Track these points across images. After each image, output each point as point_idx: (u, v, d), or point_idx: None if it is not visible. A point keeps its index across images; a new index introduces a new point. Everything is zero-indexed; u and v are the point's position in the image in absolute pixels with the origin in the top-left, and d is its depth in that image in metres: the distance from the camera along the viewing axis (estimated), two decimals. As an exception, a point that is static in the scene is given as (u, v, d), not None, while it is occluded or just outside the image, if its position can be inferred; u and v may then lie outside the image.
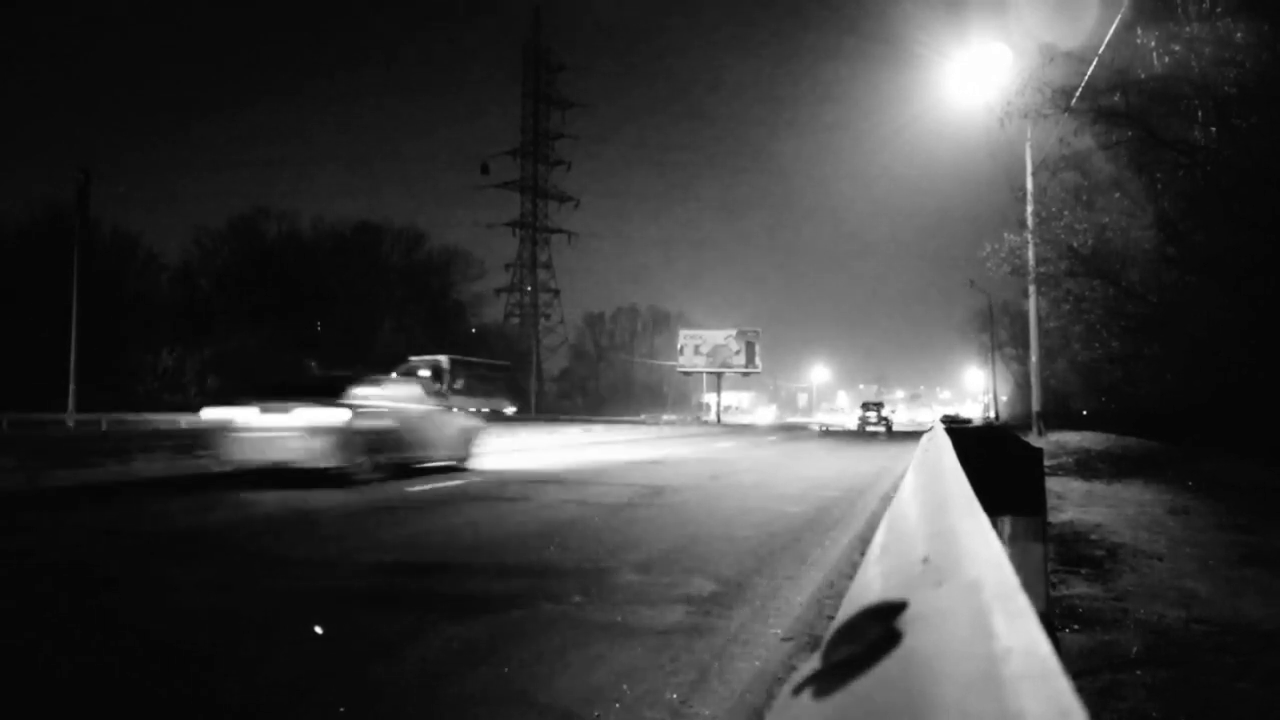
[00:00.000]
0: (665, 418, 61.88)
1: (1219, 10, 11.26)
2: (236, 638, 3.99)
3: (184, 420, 30.94)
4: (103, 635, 4.03)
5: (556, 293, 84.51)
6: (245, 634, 4.04)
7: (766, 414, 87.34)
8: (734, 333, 62.63)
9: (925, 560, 0.83)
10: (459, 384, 38.36)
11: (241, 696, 3.22)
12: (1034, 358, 25.21)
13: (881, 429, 43.09)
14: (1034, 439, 21.08)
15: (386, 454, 11.03)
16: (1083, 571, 5.39)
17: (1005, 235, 17.22)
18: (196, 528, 7.27)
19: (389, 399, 11.80)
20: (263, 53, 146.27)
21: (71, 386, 32.87)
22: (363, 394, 11.32)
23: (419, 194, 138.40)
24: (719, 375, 63.78)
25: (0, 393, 31.56)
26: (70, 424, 31.21)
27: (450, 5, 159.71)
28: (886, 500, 9.61)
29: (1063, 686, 0.49)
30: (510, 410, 41.72)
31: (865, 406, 47.77)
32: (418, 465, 12.13)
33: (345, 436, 10.29)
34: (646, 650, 3.81)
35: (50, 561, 5.88)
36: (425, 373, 35.51)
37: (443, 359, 38.68)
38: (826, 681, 0.66)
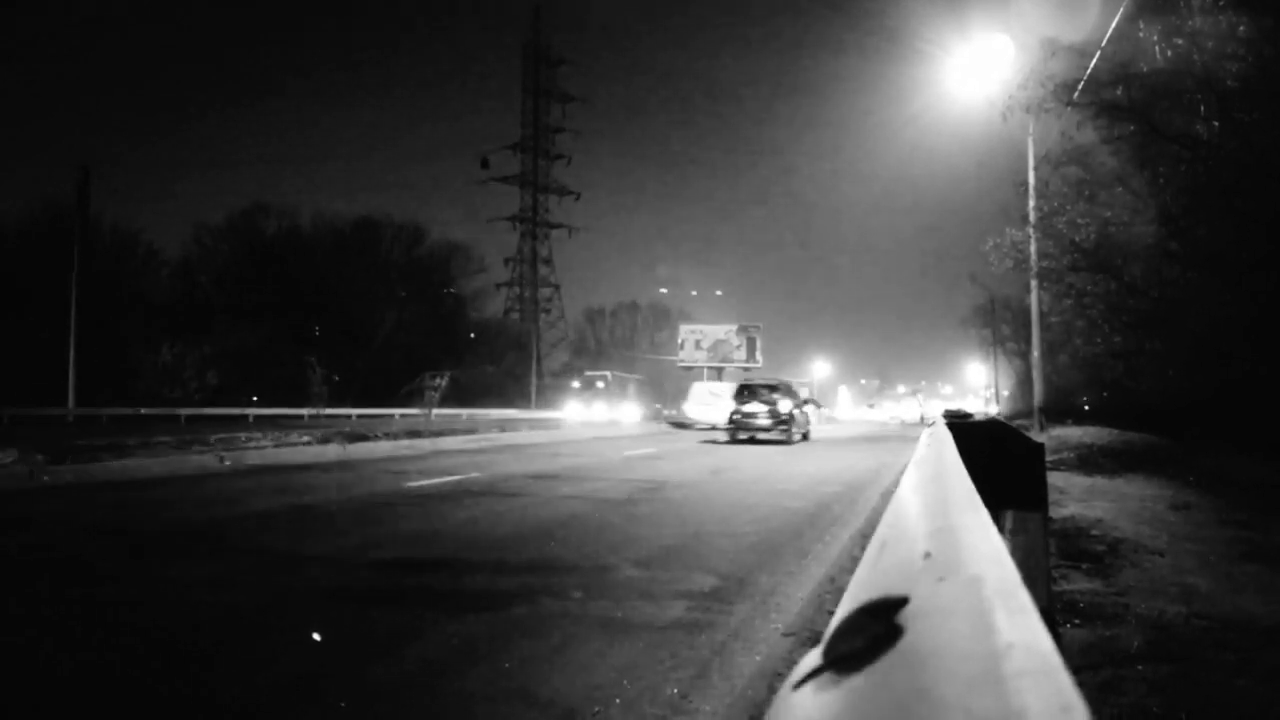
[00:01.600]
0: (666, 413, 62.03)
1: (1221, 4, 11.23)
2: (237, 635, 3.99)
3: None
4: (102, 632, 4.03)
5: (557, 288, 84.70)
6: (245, 631, 4.04)
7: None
8: (735, 328, 62.48)
9: (927, 556, 0.82)
10: (615, 390, 50.90)
11: (242, 694, 3.22)
12: (1036, 353, 25.18)
13: (776, 435, 21.83)
14: (1035, 434, 21.08)
15: None
16: (1084, 567, 5.40)
17: (1007, 230, 17.22)
18: (194, 523, 7.28)
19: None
20: (262, 50, 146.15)
21: (71, 381, 32.94)
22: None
23: (419, 190, 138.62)
24: (720, 370, 63.74)
25: (1, 388, 31.56)
26: (70, 419, 31.27)
27: (450, 1, 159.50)
28: (887, 496, 9.61)
29: (1064, 682, 0.48)
30: (640, 411, 54.65)
31: (744, 392, 23.02)
32: None
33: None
34: (647, 646, 3.81)
35: (47, 555, 5.88)
36: (601, 384, 49.78)
37: (608, 374, 52.28)
38: (827, 677, 0.65)
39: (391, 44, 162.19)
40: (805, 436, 23.93)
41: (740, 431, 22.25)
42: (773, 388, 23.04)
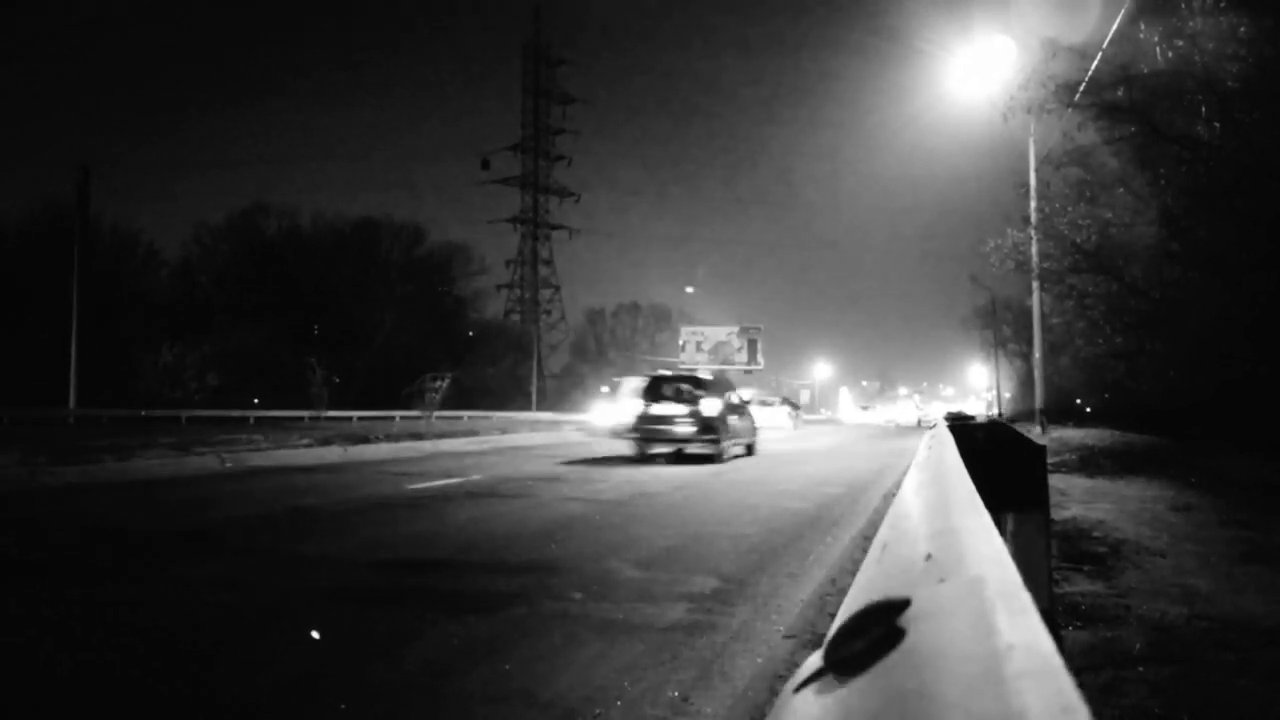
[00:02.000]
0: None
1: (1222, 5, 11.24)
2: (237, 635, 3.99)
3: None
4: (103, 632, 4.03)
5: (557, 289, 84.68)
6: (246, 632, 4.04)
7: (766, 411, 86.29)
8: (736, 329, 62.56)
9: (928, 557, 0.82)
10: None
11: (241, 695, 3.22)
12: (1037, 354, 25.19)
13: (701, 447, 15.09)
14: (1037, 435, 21.06)
15: None
16: (1085, 568, 5.39)
17: (1009, 231, 17.23)
18: (195, 524, 7.27)
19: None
20: (263, 49, 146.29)
21: (72, 382, 32.95)
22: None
23: (420, 190, 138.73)
24: (721, 372, 63.75)
25: (2, 390, 31.58)
26: (71, 420, 31.27)
27: (451, 1, 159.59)
28: (889, 497, 9.61)
29: (1065, 683, 0.49)
30: None
31: (658, 389, 15.85)
32: None
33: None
34: (648, 648, 3.81)
35: (48, 556, 5.88)
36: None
37: (634, 379, 54.35)
38: (829, 679, 0.65)
39: (391, 44, 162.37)
40: (750, 450, 17.18)
41: (651, 444, 15.41)
42: (697, 382, 16.01)
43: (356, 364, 51.41)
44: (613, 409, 41.61)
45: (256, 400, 41.84)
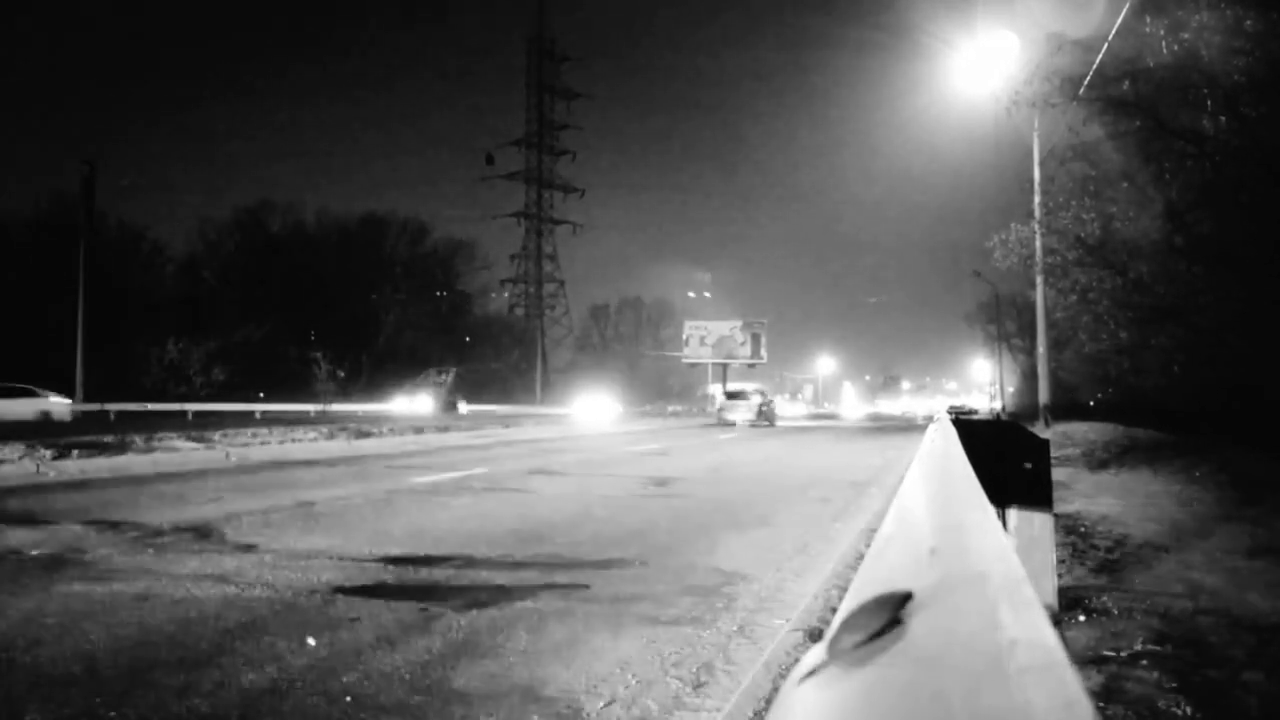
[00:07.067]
0: (670, 409, 61.96)
1: (1227, -1, 11.17)
2: (240, 629, 4.00)
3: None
4: (102, 628, 4.04)
5: (561, 284, 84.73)
6: (246, 627, 4.05)
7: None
8: (739, 324, 62.52)
9: (932, 551, 0.82)
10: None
11: (245, 688, 3.23)
12: (1041, 349, 25.11)
13: None
14: (1041, 430, 21.01)
15: None
16: (1089, 563, 5.39)
17: (1012, 226, 17.17)
18: (198, 518, 7.29)
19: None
20: (267, 45, 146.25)
21: (79, 377, 33.03)
22: None
23: (423, 186, 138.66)
24: (724, 366, 63.75)
25: (7, 384, 31.63)
26: (78, 415, 31.35)
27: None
28: (892, 492, 9.59)
29: (1069, 678, 0.49)
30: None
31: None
32: None
33: None
34: (651, 641, 3.81)
35: (48, 551, 5.90)
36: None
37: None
38: (831, 672, 0.65)
39: (395, 40, 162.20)
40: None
41: None
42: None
43: (361, 359, 51.50)
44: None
45: (262, 395, 41.93)
